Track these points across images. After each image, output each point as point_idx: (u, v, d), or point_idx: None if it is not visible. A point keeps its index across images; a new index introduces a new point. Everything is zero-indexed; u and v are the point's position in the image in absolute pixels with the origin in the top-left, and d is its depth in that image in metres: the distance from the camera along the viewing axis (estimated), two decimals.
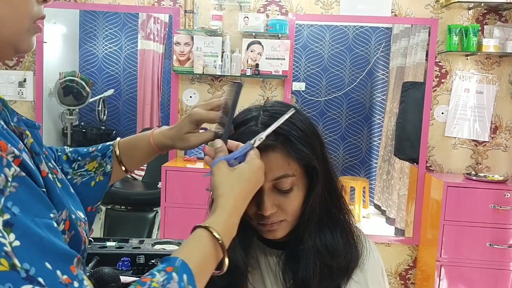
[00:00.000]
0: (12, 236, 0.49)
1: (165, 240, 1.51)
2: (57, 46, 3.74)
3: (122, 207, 3.42)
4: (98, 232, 3.25)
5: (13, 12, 0.61)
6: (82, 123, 3.93)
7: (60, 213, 0.60)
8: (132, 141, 0.96)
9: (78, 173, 0.93)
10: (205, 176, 0.78)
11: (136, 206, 3.43)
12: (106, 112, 3.96)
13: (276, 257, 0.88)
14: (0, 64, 3.17)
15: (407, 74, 3.42)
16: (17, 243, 0.49)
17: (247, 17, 2.93)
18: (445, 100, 3.06)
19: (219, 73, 2.99)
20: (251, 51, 3.00)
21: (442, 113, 3.06)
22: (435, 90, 3.06)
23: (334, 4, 3.03)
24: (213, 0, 2.99)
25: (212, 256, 0.65)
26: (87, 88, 3.56)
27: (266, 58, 2.99)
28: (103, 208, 3.32)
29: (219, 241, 0.65)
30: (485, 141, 3.06)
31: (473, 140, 3.07)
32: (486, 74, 3.02)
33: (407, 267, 3.21)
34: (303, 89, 4.14)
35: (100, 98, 3.88)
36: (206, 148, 0.79)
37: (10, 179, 0.51)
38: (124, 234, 2.98)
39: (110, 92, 3.96)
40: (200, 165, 3.00)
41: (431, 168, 3.10)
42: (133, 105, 4.06)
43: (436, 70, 3.04)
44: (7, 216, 0.49)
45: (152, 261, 1.29)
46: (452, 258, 2.75)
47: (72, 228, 0.63)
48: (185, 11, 2.96)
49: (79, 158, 0.94)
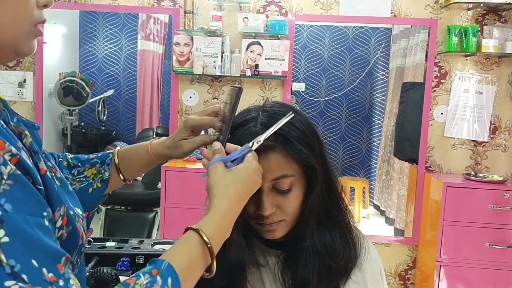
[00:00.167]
0: (2, 232, 0.50)
1: (165, 241, 1.51)
2: (57, 47, 3.75)
3: (122, 207, 3.43)
4: (98, 232, 3.25)
5: (14, 16, 0.62)
6: (82, 124, 3.93)
7: (58, 209, 0.61)
8: (131, 150, 0.98)
9: (77, 179, 0.94)
10: (202, 177, 0.79)
11: (136, 206, 3.44)
12: (106, 113, 3.96)
13: (275, 257, 0.88)
14: (0, 65, 3.17)
15: (407, 75, 3.42)
16: (6, 239, 0.50)
17: (247, 18, 2.94)
18: (445, 101, 3.07)
19: (219, 74, 2.99)
20: (251, 52, 3.00)
21: (442, 114, 3.07)
22: (435, 91, 3.06)
23: (334, 5, 3.03)
24: (213, 1, 2.99)
25: (200, 260, 0.65)
26: (87, 89, 3.56)
27: (266, 59, 2.99)
28: (103, 208, 3.32)
29: (208, 245, 0.64)
30: (485, 142, 3.07)
31: (473, 141, 3.07)
32: (486, 75, 3.02)
33: (407, 267, 3.21)
34: (303, 90, 4.14)
35: (100, 99, 3.89)
36: (204, 151, 0.80)
37: (5, 177, 0.52)
38: (124, 234, 2.98)
39: (110, 93, 3.97)
40: (200, 166, 3.00)
41: (431, 169, 3.10)
42: (133, 106, 4.06)
43: (436, 71, 3.05)
44: None
45: None
46: (452, 259, 2.75)
47: (70, 224, 0.64)
48: (185, 12, 2.96)
49: (79, 164, 0.96)
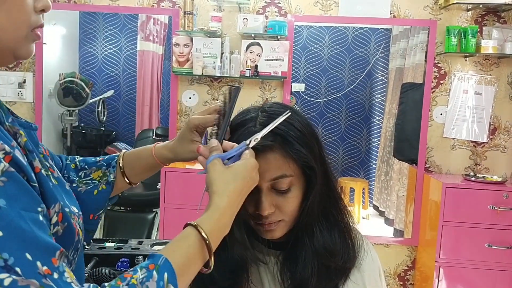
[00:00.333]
0: None
1: (164, 241, 1.51)
2: (57, 47, 3.75)
3: (122, 208, 3.42)
4: (98, 233, 3.25)
5: (11, 20, 0.63)
6: (82, 124, 3.93)
7: (53, 206, 0.63)
8: (136, 153, 0.98)
9: (84, 182, 0.95)
10: (200, 174, 0.79)
11: (136, 207, 3.44)
12: (106, 113, 3.96)
13: (274, 257, 0.88)
14: None
15: (406, 75, 3.43)
16: (0, 234, 0.50)
17: (246, 19, 2.94)
18: (444, 101, 3.07)
19: (218, 74, 2.99)
20: (250, 52, 3.00)
21: (441, 114, 3.07)
22: (434, 91, 3.06)
23: (333, 6, 3.04)
24: (212, 2, 3.00)
25: (198, 256, 0.65)
26: (87, 89, 3.56)
27: (265, 59, 2.99)
28: None
29: (206, 241, 0.65)
30: (484, 142, 3.07)
31: (472, 141, 3.08)
32: (485, 75, 3.02)
33: (406, 268, 3.21)
34: (303, 90, 4.14)
35: (100, 99, 3.88)
36: (201, 148, 0.80)
37: None
38: (123, 235, 2.97)
39: (110, 93, 3.97)
40: (200, 166, 2.99)
41: (430, 169, 3.10)
42: (133, 106, 4.06)
43: (435, 71, 3.05)
44: None
45: None
46: (451, 259, 2.75)
47: (65, 220, 0.65)
48: (185, 13, 2.96)
49: (86, 167, 0.97)
